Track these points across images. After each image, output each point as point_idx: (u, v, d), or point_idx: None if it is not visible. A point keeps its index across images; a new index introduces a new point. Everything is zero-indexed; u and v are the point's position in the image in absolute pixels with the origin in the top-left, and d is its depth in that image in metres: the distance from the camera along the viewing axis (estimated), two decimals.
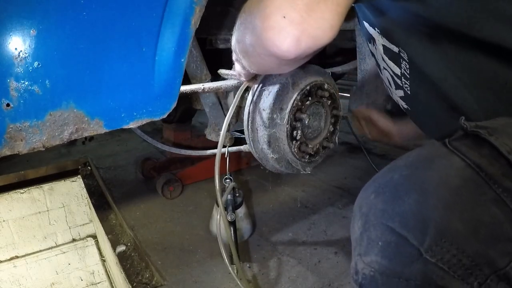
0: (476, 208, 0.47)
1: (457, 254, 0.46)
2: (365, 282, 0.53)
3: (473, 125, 0.51)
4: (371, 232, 0.52)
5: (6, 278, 2.32)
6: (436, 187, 0.49)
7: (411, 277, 0.48)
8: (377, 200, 0.54)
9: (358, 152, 2.46)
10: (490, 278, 0.46)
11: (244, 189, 1.96)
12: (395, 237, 0.49)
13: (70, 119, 0.73)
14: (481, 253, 0.46)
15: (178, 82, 0.84)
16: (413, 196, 0.50)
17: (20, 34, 0.65)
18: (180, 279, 1.29)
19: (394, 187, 0.53)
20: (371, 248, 0.52)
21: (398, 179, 0.53)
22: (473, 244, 0.46)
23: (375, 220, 0.52)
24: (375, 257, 0.51)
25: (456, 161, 0.50)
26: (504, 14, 0.56)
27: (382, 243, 0.51)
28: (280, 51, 0.58)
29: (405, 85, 0.77)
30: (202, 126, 2.51)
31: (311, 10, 0.54)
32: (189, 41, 0.82)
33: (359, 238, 0.55)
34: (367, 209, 0.55)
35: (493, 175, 0.47)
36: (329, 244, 1.47)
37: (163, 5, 0.76)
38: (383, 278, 0.50)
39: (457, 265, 0.46)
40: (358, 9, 0.84)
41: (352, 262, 0.57)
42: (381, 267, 0.50)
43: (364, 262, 0.53)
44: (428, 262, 0.47)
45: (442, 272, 0.47)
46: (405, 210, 0.50)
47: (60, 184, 2.35)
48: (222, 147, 0.93)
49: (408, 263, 0.48)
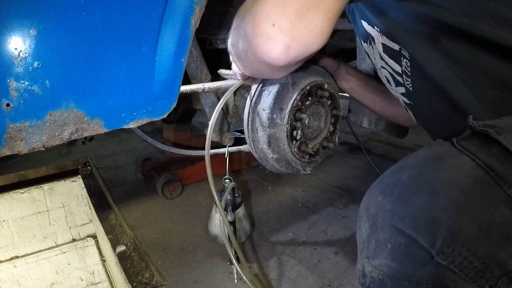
0: (488, 209, 0.47)
1: (469, 257, 0.46)
2: (374, 286, 0.52)
3: (481, 124, 0.51)
4: (379, 234, 0.51)
5: (6, 278, 2.31)
6: (447, 188, 0.48)
7: (422, 280, 0.47)
8: (385, 201, 0.53)
9: (358, 152, 2.46)
10: (501, 280, 0.46)
11: (244, 189, 1.96)
12: (404, 239, 0.48)
13: (70, 119, 0.73)
14: (492, 255, 0.46)
15: (178, 82, 0.84)
16: (423, 197, 0.49)
17: (20, 34, 0.65)
18: (180, 279, 1.29)
19: (403, 187, 0.52)
20: (379, 251, 0.51)
21: (406, 179, 0.52)
22: (484, 246, 0.46)
23: (383, 222, 0.51)
24: (384, 260, 0.50)
25: (466, 161, 0.50)
26: (503, 16, 0.56)
27: (391, 245, 0.49)
28: (270, 59, 0.57)
29: (407, 82, 0.77)
30: (202, 126, 2.51)
31: (301, 16, 0.53)
32: (189, 41, 0.82)
33: (366, 240, 0.54)
34: (374, 210, 0.53)
35: (504, 175, 0.47)
36: (329, 244, 1.47)
37: (163, 5, 0.76)
38: (392, 282, 0.50)
39: (469, 267, 0.46)
40: (355, 8, 0.84)
41: (359, 264, 0.55)
42: (390, 270, 0.49)
43: (372, 265, 0.52)
44: (440, 265, 0.46)
45: (453, 275, 0.46)
46: (415, 212, 0.49)
47: (60, 184, 2.35)
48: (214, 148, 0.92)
49: (419, 266, 0.47)
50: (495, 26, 0.57)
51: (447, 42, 0.64)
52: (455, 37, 0.62)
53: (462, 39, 0.61)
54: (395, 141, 2.64)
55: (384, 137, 2.71)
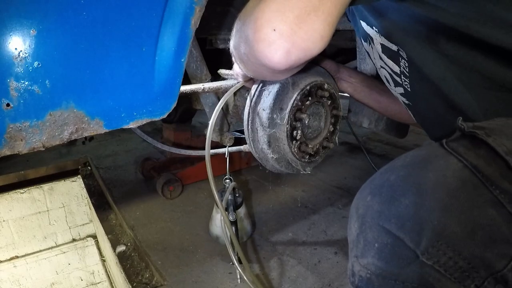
0: (473, 210, 0.47)
1: (454, 257, 0.46)
2: (362, 285, 0.52)
3: (470, 126, 0.51)
4: (368, 233, 0.52)
5: (6, 278, 2.32)
6: (433, 189, 0.49)
7: (408, 279, 0.48)
8: (373, 201, 0.53)
9: (358, 152, 2.46)
10: (487, 281, 0.46)
11: (244, 189, 1.96)
12: (391, 239, 0.49)
13: (70, 119, 0.73)
14: (478, 256, 0.46)
15: (178, 82, 0.84)
16: (410, 197, 0.49)
17: (20, 34, 0.65)
18: (180, 279, 1.29)
19: (390, 188, 0.53)
20: (367, 250, 0.52)
21: (394, 180, 0.53)
22: (470, 247, 0.46)
23: (371, 222, 0.52)
24: (371, 259, 0.51)
25: (453, 162, 0.50)
26: (500, 18, 0.56)
27: (379, 245, 0.50)
28: (271, 63, 0.59)
29: (405, 83, 0.77)
30: (202, 126, 2.51)
31: (302, 22, 0.54)
32: (189, 41, 0.82)
33: (355, 240, 0.55)
34: (363, 210, 0.54)
35: (490, 176, 0.47)
36: (329, 244, 1.47)
37: (163, 5, 0.76)
38: (379, 280, 0.50)
39: (454, 267, 0.46)
40: (354, 9, 0.84)
41: (349, 264, 0.56)
42: (377, 269, 0.50)
43: (361, 264, 0.52)
44: (425, 264, 0.47)
45: (438, 275, 0.47)
46: (401, 212, 0.49)
47: (60, 184, 2.36)
48: (214, 148, 0.92)
49: (404, 265, 0.48)
50: (493, 28, 0.57)
51: (445, 43, 0.64)
52: (452, 38, 0.62)
53: (459, 40, 0.62)
54: (395, 141, 2.64)
55: (384, 137, 2.71)
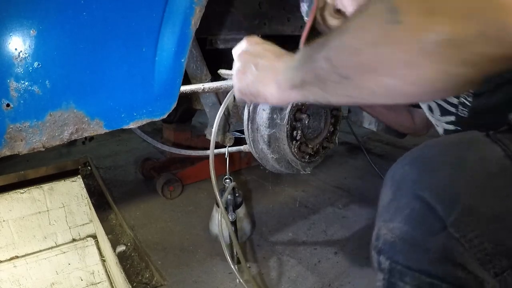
0: (508, 198, 0.47)
1: (480, 236, 0.46)
2: (385, 247, 0.52)
3: None
4: (401, 200, 0.52)
5: (6, 278, 2.31)
6: (473, 167, 0.50)
7: (431, 248, 0.48)
8: (411, 170, 0.54)
9: (358, 152, 2.45)
10: (507, 272, 0.46)
11: (244, 189, 1.96)
12: (424, 206, 0.49)
13: (70, 119, 0.73)
14: (503, 243, 0.46)
15: (178, 82, 0.84)
16: (449, 170, 0.50)
17: (20, 34, 0.65)
18: (180, 279, 1.29)
19: (430, 159, 0.53)
20: (397, 215, 0.52)
21: (435, 153, 0.54)
22: (497, 231, 0.46)
23: (406, 189, 0.52)
24: (398, 224, 0.51)
25: (497, 150, 0.51)
26: None
27: (409, 211, 0.50)
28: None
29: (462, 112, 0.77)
30: (202, 126, 2.51)
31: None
32: (189, 41, 0.82)
33: (386, 205, 0.55)
34: (400, 177, 0.55)
35: None
36: (329, 244, 1.47)
37: (163, 5, 0.76)
38: (403, 244, 0.50)
39: (478, 247, 0.46)
40: None
41: (375, 228, 0.56)
42: (402, 233, 0.50)
43: (387, 228, 0.52)
44: (451, 236, 0.47)
45: (462, 249, 0.46)
46: (438, 182, 0.50)
47: (60, 184, 2.35)
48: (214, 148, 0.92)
49: (431, 234, 0.48)
50: None
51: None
52: None
53: None
54: (395, 141, 2.63)
55: (384, 137, 2.71)
